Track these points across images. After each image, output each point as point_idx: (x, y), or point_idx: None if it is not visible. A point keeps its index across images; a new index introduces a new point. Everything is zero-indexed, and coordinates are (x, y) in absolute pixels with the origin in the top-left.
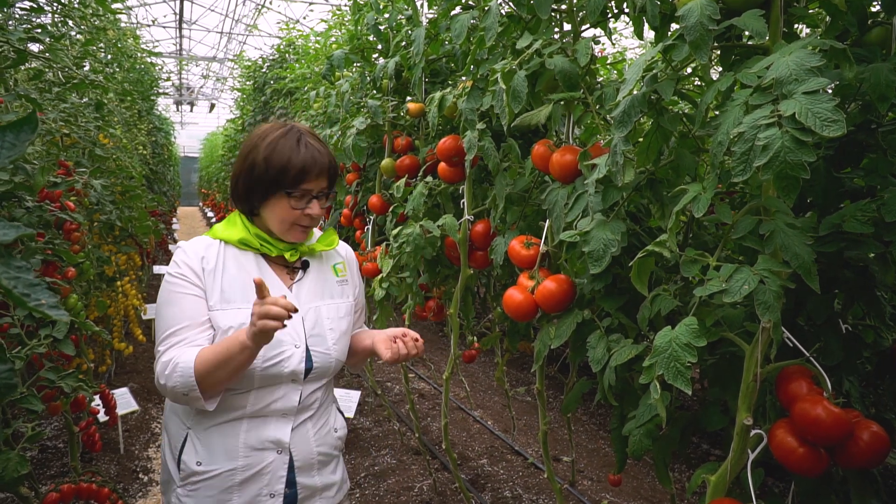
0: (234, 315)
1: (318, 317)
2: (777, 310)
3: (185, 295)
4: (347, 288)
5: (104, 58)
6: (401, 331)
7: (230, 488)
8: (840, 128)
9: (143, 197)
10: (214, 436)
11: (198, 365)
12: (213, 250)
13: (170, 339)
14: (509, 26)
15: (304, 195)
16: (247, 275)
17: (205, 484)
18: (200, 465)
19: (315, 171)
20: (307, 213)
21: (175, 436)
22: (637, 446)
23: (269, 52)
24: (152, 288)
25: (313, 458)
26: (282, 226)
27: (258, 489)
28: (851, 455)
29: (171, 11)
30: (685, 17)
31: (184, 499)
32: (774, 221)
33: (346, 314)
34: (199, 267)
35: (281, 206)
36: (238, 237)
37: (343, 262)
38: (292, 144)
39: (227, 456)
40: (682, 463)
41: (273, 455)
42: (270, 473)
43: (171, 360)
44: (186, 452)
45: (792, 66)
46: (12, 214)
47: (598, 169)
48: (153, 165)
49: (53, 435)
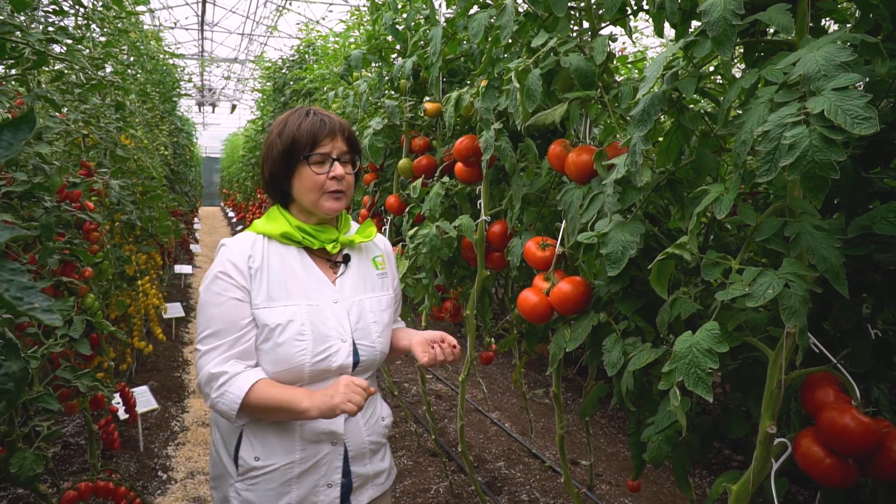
0: (280, 312)
1: (362, 310)
2: (803, 315)
3: (227, 298)
4: (387, 280)
5: (126, 59)
6: (439, 335)
7: (289, 481)
8: (872, 125)
9: (164, 197)
10: (270, 432)
11: (250, 399)
12: (258, 247)
13: (209, 341)
14: (525, 24)
15: (323, 159)
16: (291, 271)
17: (264, 478)
18: (259, 461)
19: (325, 132)
20: (332, 175)
21: (228, 433)
22: (656, 453)
23: (289, 53)
24: (173, 287)
25: (365, 447)
26: (311, 195)
27: (316, 480)
28: (882, 467)
29: (194, 14)
30: (708, 11)
31: (243, 493)
32: (800, 223)
33: (387, 307)
34: (245, 266)
35: (306, 175)
36: (280, 231)
37: (382, 254)
38: (301, 115)
39: (284, 450)
40: (702, 468)
41: (328, 447)
42: (327, 464)
43: (220, 378)
44: (244, 448)
45: (821, 61)
46: (31, 214)
47: (617, 169)
48: (174, 166)
49: (75, 432)
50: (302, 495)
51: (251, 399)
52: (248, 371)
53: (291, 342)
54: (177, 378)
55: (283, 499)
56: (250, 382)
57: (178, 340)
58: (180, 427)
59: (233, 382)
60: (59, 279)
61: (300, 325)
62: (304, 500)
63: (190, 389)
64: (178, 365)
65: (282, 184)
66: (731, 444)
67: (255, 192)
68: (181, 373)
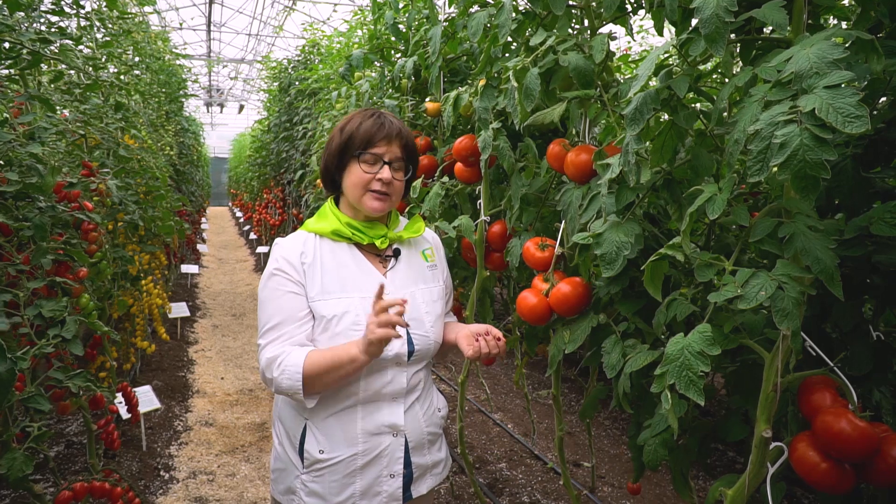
0: (334, 304)
1: (415, 301)
2: (796, 317)
3: (284, 292)
4: (437, 272)
5: (131, 60)
6: (484, 328)
7: (353, 472)
8: (863, 124)
9: (167, 197)
10: (333, 424)
11: (307, 369)
12: (310, 244)
13: (269, 334)
14: (524, 23)
15: (375, 160)
16: (343, 265)
17: (329, 470)
18: (323, 453)
19: (381, 134)
20: (378, 177)
21: (292, 427)
22: (652, 456)
23: (296, 53)
24: (180, 287)
25: (424, 438)
26: (356, 191)
27: (378, 471)
28: (879, 472)
29: (201, 14)
30: (700, 9)
31: (310, 484)
32: (795, 224)
33: (438, 298)
34: (298, 262)
35: (355, 170)
36: (331, 228)
37: (431, 247)
38: (365, 115)
39: (347, 443)
40: (703, 472)
41: (389, 438)
42: (389, 455)
43: (277, 358)
44: (308, 442)
45: (813, 58)
46: (25, 215)
47: (611, 168)
48: (180, 166)
49: (79, 431)
50: (366, 486)
51: (309, 368)
52: (302, 347)
53: (347, 332)
54: (181, 378)
55: (347, 489)
56: (305, 351)
57: (183, 340)
58: (183, 427)
59: (288, 358)
60: (52, 279)
61: (355, 315)
62: (368, 490)
63: (194, 389)
64: (183, 364)
65: (334, 176)
66: (735, 446)
67: (261, 192)
68: (186, 372)
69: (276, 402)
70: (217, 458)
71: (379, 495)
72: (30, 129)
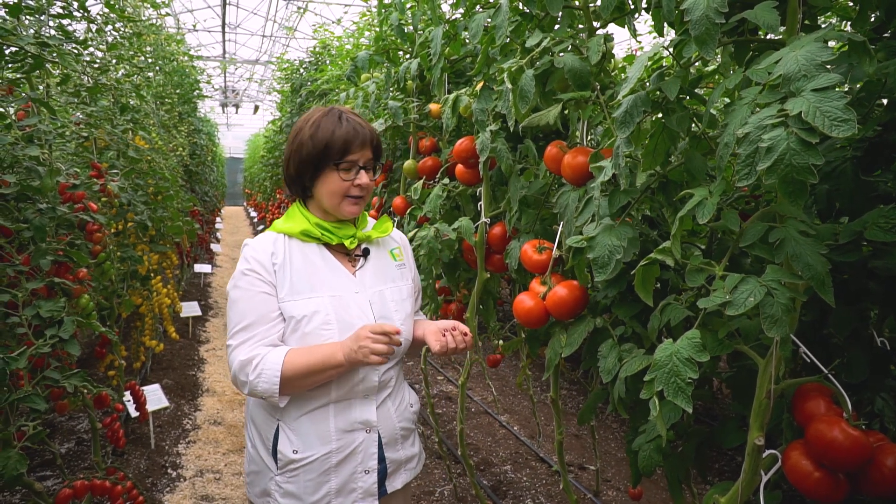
0: (304, 304)
1: (384, 300)
2: (785, 324)
3: (256, 292)
4: (406, 271)
5: (143, 62)
6: (451, 324)
7: (328, 470)
8: (850, 128)
9: (177, 198)
10: (306, 424)
11: (285, 370)
12: (279, 244)
13: (241, 335)
14: (521, 24)
15: (351, 166)
16: (313, 265)
17: (304, 469)
18: (297, 453)
19: (357, 141)
20: (357, 183)
21: (265, 428)
22: (646, 462)
23: (307, 55)
24: (192, 286)
25: (397, 433)
26: (334, 199)
27: (353, 468)
28: (874, 482)
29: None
30: (690, 10)
31: (284, 485)
32: (785, 228)
33: (407, 296)
34: (269, 262)
35: (332, 179)
36: (300, 229)
37: (399, 247)
38: (334, 120)
39: (320, 441)
40: (711, 475)
41: (363, 435)
42: (363, 452)
43: (253, 360)
44: (281, 443)
45: (801, 60)
46: (24, 216)
47: (605, 171)
48: (192, 167)
49: (89, 428)
50: (341, 483)
51: (288, 369)
52: (277, 348)
53: (318, 332)
54: (191, 376)
55: (323, 488)
56: (283, 353)
57: (194, 339)
58: (192, 425)
59: (266, 360)
60: (51, 280)
61: (325, 314)
62: (344, 487)
63: (204, 388)
64: (194, 363)
65: (305, 182)
66: (741, 451)
67: (274, 192)
68: (196, 371)
69: (248, 404)
70: (224, 456)
71: (354, 492)
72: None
